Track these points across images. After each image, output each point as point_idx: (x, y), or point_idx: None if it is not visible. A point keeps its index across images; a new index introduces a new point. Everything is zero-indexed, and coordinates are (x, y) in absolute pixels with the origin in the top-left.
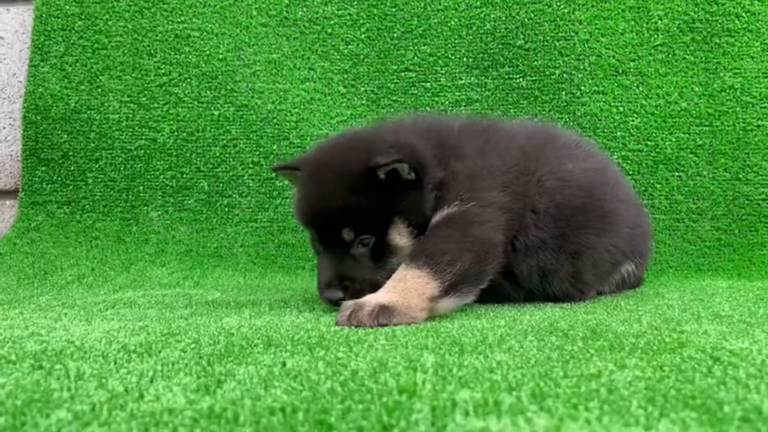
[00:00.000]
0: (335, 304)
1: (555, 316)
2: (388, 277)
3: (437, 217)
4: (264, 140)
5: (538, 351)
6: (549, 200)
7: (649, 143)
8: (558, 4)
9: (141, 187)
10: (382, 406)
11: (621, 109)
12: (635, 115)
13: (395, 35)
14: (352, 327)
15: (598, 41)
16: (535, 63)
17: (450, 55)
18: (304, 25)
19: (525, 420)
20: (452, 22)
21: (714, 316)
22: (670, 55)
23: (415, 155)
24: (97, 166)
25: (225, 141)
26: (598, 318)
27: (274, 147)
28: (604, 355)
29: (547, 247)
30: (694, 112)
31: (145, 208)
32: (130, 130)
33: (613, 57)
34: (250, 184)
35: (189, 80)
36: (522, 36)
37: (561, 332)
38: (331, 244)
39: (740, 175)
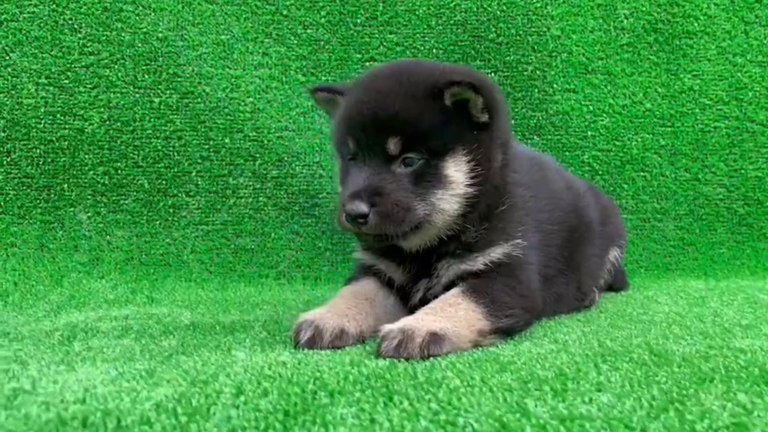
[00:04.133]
0: (356, 221)
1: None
2: (426, 211)
3: (497, 253)
4: (214, 132)
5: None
6: (560, 231)
7: (617, 143)
8: None
9: (65, 185)
10: None
11: (591, 108)
12: (604, 114)
13: (359, 21)
14: (401, 359)
15: (569, 38)
16: (508, 58)
17: (418, 46)
18: (255, 5)
19: None
20: (421, 11)
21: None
22: (635, 55)
23: (496, 94)
24: (8, 159)
25: (168, 132)
26: (651, 337)
27: (227, 140)
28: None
29: (560, 274)
30: (657, 112)
31: (72, 209)
32: (50, 117)
33: (583, 55)
34: (199, 182)
35: (122, 61)
36: (494, 29)
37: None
38: (371, 155)
39: (699, 176)
